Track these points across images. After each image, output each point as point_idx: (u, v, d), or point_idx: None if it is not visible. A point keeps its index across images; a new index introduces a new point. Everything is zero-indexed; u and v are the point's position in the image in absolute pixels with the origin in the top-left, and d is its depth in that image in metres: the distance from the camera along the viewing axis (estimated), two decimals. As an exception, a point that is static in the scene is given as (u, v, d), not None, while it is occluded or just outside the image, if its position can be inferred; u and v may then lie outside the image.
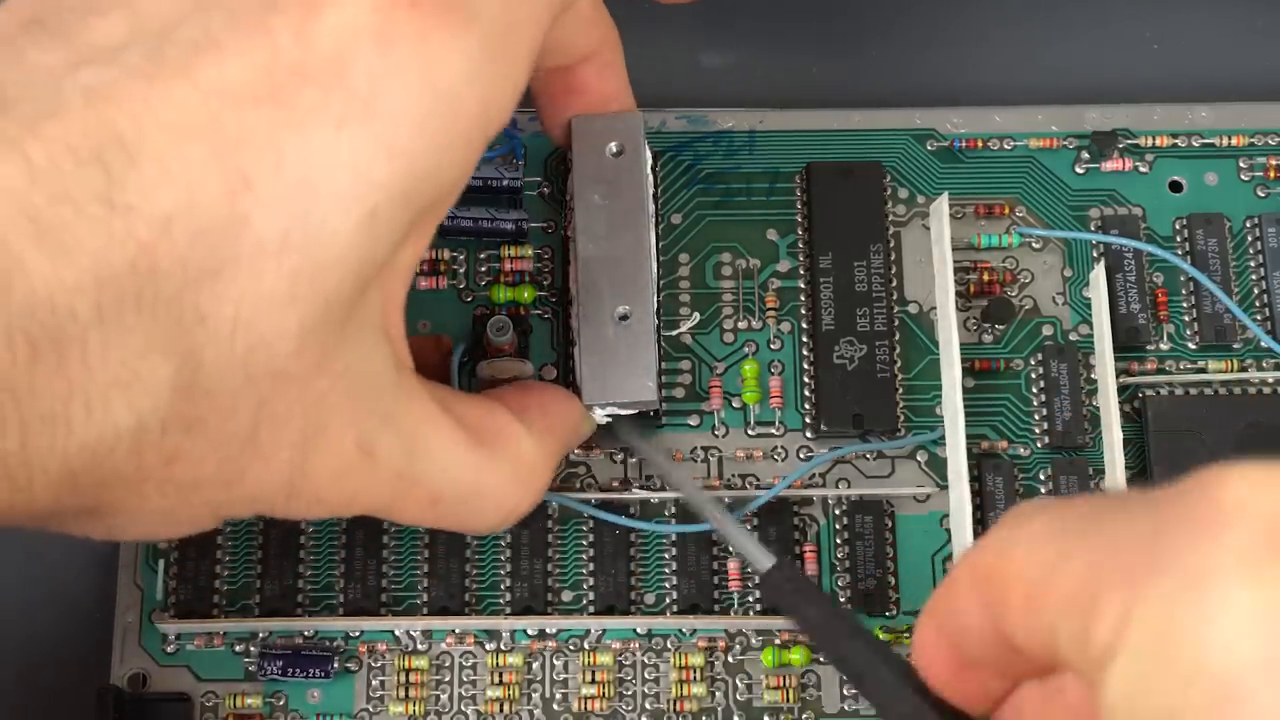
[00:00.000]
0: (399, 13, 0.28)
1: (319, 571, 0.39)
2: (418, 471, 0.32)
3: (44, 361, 0.25)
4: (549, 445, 0.35)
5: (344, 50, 0.27)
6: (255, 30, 0.27)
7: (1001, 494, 0.39)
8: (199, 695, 0.38)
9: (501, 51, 0.30)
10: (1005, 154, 0.42)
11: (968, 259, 0.41)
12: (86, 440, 0.26)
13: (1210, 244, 0.41)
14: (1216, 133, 0.42)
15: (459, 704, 0.38)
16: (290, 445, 0.29)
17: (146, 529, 0.30)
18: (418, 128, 0.28)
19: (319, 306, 0.28)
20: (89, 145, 0.26)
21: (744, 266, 0.41)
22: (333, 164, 0.27)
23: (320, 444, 0.29)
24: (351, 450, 0.30)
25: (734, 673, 0.38)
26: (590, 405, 0.37)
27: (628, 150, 0.38)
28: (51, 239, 0.25)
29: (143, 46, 0.27)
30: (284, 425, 0.29)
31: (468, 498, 0.33)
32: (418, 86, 0.28)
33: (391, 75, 0.28)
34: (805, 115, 0.42)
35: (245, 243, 0.27)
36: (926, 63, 0.45)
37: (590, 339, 0.37)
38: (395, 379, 0.31)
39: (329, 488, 0.30)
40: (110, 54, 0.27)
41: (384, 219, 0.28)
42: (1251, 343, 0.40)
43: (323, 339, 0.28)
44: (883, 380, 0.40)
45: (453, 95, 0.29)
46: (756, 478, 0.39)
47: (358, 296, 0.29)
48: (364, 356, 0.30)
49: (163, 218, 0.26)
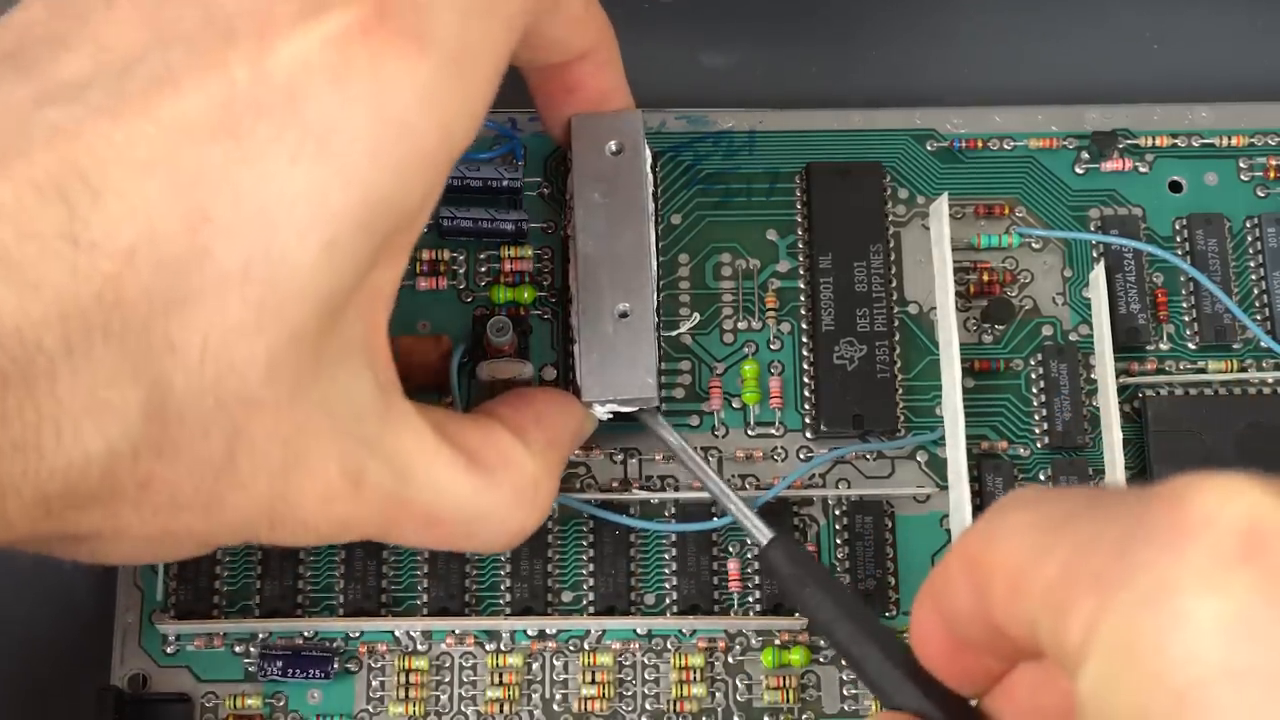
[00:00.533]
0: (352, 43, 0.28)
1: (319, 572, 0.39)
2: (410, 495, 0.32)
3: (13, 391, 0.26)
4: (550, 460, 0.35)
5: (297, 83, 0.28)
6: (212, 65, 0.28)
7: (1001, 494, 0.39)
8: (199, 696, 0.38)
9: (459, 74, 0.30)
10: (1005, 154, 0.42)
11: (967, 259, 0.41)
12: (58, 465, 0.27)
13: (1210, 244, 0.41)
14: (1216, 133, 0.42)
15: (459, 704, 0.38)
16: (269, 473, 0.29)
17: (130, 553, 0.31)
18: (372, 157, 0.28)
19: (286, 336, 0.28)
20: (53, 182, 0.26)
21: (744, 266, 0.41)
22: (288, 196, 0.28)
23: (302, 472, 0.30)
24: (336, 477, 0.30)
25: (734, 673, 0.38)
26: (590, 403, 0.37)
27: (627, 148, 0.38)
28: (17, 275, 0.26)
29: (106, 82, 0.27)
30: (261, 453, 0.29)
31: (469, 520, 0.33)
32: (370, 116, 0.28)
33: (344, 106, 0.28)
34: (805, 115, 0.42)
35: (208, 274, 0.27)
36: (926, 63, 0.45)
37: (590, 336, 0.37)
38: (381, 404, 0.31)
39: (316, 515, 0.31)
40: (75, 90, 0.27)
41: (344, 248, 0.28)
42: (1251, 343, 0.40)
43: (294, 368, 0.29)
44: (883, 381, 0.40)
45: (406, 122, 0.29)
46: (756, 478, 0.39)
47: (329, 325, 0.29)
48: (344, 384, 0.30)
49: (126, 251, 0.27)
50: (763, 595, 0.38)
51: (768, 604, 0.38)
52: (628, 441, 0.39)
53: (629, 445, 0.39)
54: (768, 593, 0.38)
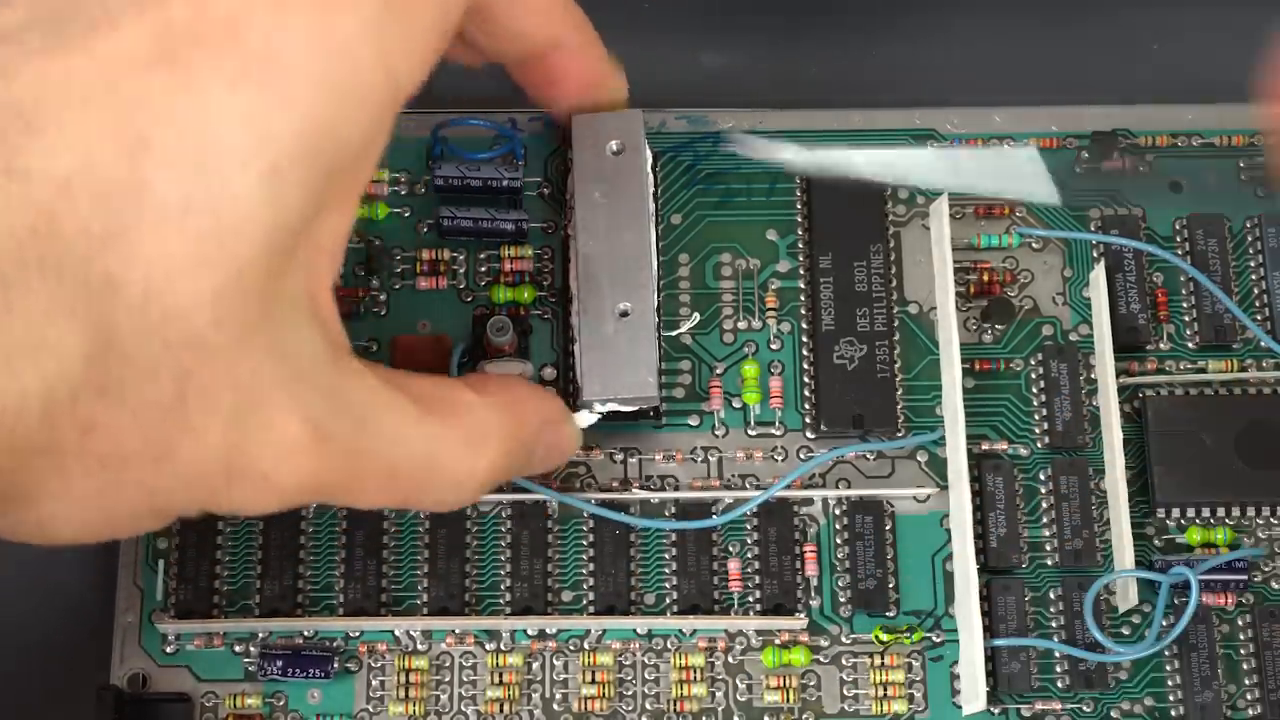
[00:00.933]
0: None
1: (319, 571, 0.39)
2: (370, 447, 0.31)
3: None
4: (505, 417, 0.34)
5: (238, 12, 0.28)
6: (151, 4, 0.28)
7: (1001, 494, 0.39)
8: (199, 695, 0.38)
9: (403, 11, 0.30)
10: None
11: (968, 259, 0.41)
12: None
13: (1210, 244, 0.41)
14: (1216, 133, 0.42)
15: (459, 704, 0.38)
16: (224, 422, 0.29)
17: (80, 520, 0.30)
18: (313, 82, 0.28)
19: (231, 273, 0.27)
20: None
21: (744, 266, 0.41)
22: (228, 122, 0.27)
23: (259, 421, 0.29)
24: (298, 428, 0.29)
25: (734, 673, 0.38)
26: (590, 401, 0.37)
27: (628, 148, 0.38)
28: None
29: (43, 27, 0.27)
30: (213, 399, 0.28)
31: (423, 469, 0.33)
32: (311, 42, 0.28)
33: (285, 32, 0.28)
34: (805, 115, 0.42)
35: (148, 205, 0.27)
36: (926, 63, 0.45)
37: (591, 335, 0.37)
38: (332, 358, 0.30)
39: (277, 468, 0.30)
40: (9, 35, 0.27)
41: (288, 176, 0.28)
42: (1251, 343, 0.40)
43: (242, 311, 0.28)
44: (883, 380, 0.39)
45: (348, 51, 0.29)
46: (756, 478, 0.39)
47: (275, 266, 0.28)
48: (294, 336, 0.29)
49: (61, 181, 0.26)
50: (763, 595, 0.38)
51: (768, 604, 0.38)
52: (628, 441, 0.39)
53: (629, 445, 0.39)
54: (768, 592, 0.38)
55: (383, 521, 0.39)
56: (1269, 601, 0.38)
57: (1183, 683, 0.38)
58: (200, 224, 0.27)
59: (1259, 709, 0.38)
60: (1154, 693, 0.38)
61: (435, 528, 0.39)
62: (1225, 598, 0.38)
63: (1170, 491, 0.39)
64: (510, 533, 0.39)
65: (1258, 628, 0.38)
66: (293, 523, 0.39)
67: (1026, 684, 0.38)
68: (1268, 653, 0.38)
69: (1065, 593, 0.38)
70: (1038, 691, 0.38)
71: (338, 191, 0.30)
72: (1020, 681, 0.38)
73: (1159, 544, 0.39)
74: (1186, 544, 0.39)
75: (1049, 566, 0.39)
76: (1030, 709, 0.38)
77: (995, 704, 0.38)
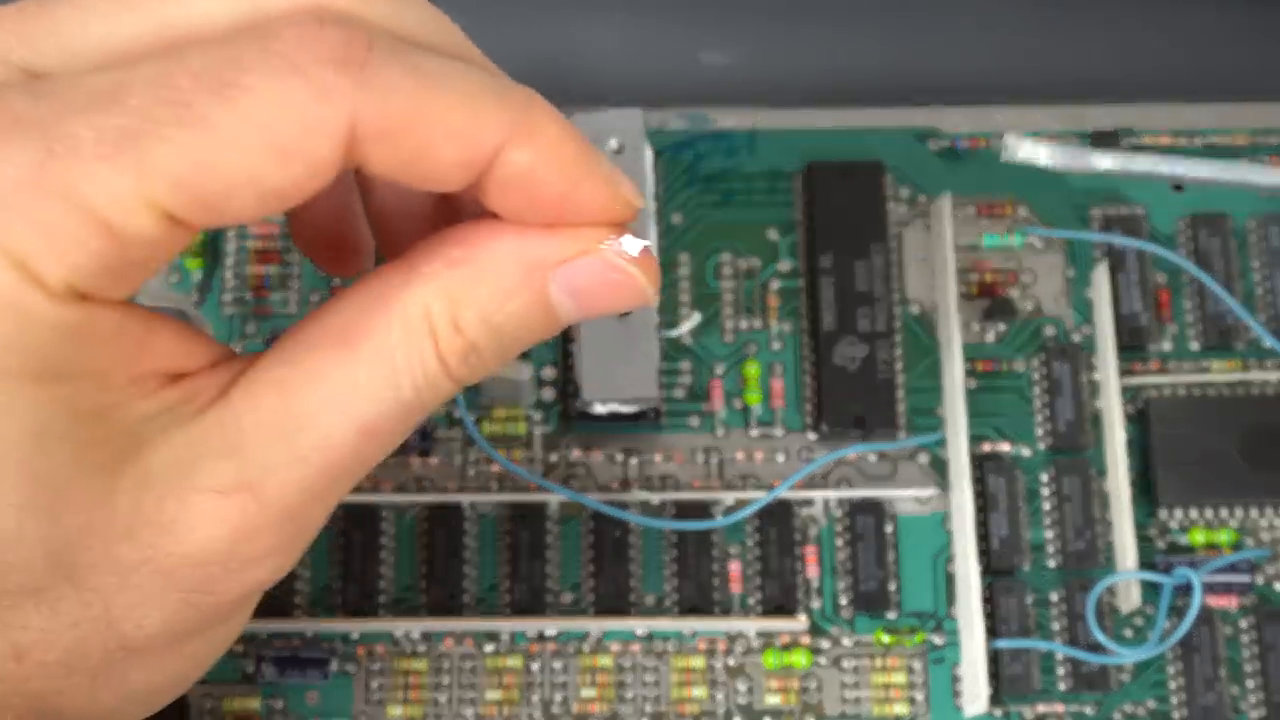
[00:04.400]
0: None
1: (317, 572, 0.38)
2: (314, 441, 0.27)
3: None
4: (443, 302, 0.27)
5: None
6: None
7: (1003, 495, 0.39)
8: (196, 697, 0.37)
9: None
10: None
11: (970, 259, 0.41)
12: None
13: (1213, 244, 0.41)
14: (1218, 132, 0.42)
15: (458, 706, 0.38)
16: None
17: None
18: None
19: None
20: None
21: (744, 266, 0.41)
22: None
23: (178, 509, 0.26)
24: (215, 501, 0.26)
25: (734, 675, 0.38)
26: (591, 401, 0.37)
27: (628, 147, 0.38)
28: None
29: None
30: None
31: (387, 401, 0.27)
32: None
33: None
34: (805, 115, 0.42)
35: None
36: (927, 62, 0.45)
37: (590, 336, 0.37)
38: (191, 415, 0.27)
39: (214, 537, 0.27)
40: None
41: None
42: (1254, 343, 0.40)
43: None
44: (884, 381, 0.39)
45: None
46: (757, 479, 0.39)
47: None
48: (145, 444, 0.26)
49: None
50: (763, 596, 0.38)
51: (768, 605, 0.38)
52: (628, 441, 0.39)
53: (629, 445, 0.39)
54: (768, 594, 0.38)
55: (380, 523, 0.38)
56: (1272, 603, 0.38)
57: (1185, 685, 0.38)
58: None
59: (1262, 711, 0.37)
60: (1156, 695, 0.38)
61: (434, 528, 0.38)
62: (1228, 599, 0.38)
63: (1173, 492, 0.39)
64: (510, 533, 0.38)
65: (1261, 629, 0.38)
66: (290, 524, 0.38)
67: (1028, 686, 0.37)
68: (1271, 655, 0.38)
69: (1067, 594, 0.38)
70: (1039, 693, 0.38)
71: None
72: (1022, 683, 0.37)
73: (1161, 545, 0.39)
74: (1189, 545, 0.39)
75: (1051, 568, 0.39)
76: (1032, 711, 0.38)
77: (997, 706, 0.37)
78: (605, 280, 0.28)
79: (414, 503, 0.39)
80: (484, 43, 0.29)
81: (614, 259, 0.27)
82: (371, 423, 0.27)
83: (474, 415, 0.39)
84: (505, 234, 0.27)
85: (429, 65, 0.26)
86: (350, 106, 0.25)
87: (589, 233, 0.27)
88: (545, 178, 0.26)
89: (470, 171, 0.26)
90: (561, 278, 0.27)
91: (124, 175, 0.24)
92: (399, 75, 0.25)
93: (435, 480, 0.39)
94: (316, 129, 0.25)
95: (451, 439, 0.39)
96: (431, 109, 0.25)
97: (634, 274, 0.28)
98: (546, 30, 0.44)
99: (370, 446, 0.27)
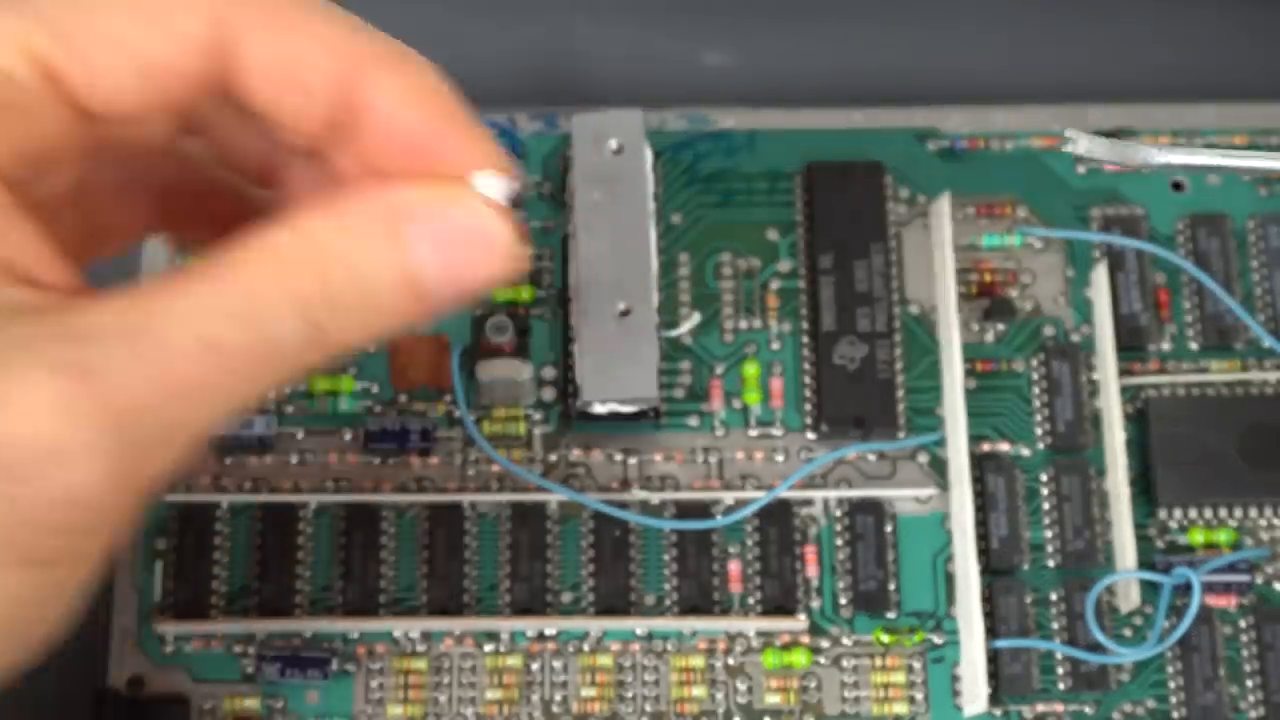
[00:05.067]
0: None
1: (317, 572, 0.38)
2: (153, 342, 0.26)
3: None
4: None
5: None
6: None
7: (1003, 495, 0.39)
8: (197, 697, 0.38)
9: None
10: (1006, 153, 0.42)
11: (969, 259, 0.41)
12: None
13: (1212, 244, 0.41)
14: (1218, 132, 0.42)
15: (458, 706, 0.38)
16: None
17: None
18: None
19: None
20: None
21: (744, 266, 0.41)
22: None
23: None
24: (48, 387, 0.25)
25: (734, 674, 0.38)
26: (591, 401, 0.37)
27: (628, 148, 0.38)
28: None
29: None
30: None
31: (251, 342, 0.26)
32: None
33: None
34: (805, 115, 0.42)
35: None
36: (927, 62, 0.45)
37: (590, 336, 0.37)
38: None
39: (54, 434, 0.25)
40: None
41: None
42: (1254, 343, 0.40)
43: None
44: (884, 381, 0.39)
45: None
46: (757, 479, 0.39)
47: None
48: None
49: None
50: (763, 596, 0.38)
51: (768, 605, 0.38)
52: (628, 441, 0.39)
53: (629, 445, 0.39)
54: (768, 593, 0.38)
55: (381, 523, 0.39)
56: (1271, 603, 0.38)
57: (1185, 684, 0.38)
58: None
59: (1261, 711, 0.37)
60: (1156, 694, 0.38)
61: (434, 528, 0.38)
62: (1228, 599, 0.38)
63: (1172, 492, 0.39)
64: (510, 533, 0.38)
65: (1260, 629, 0.38)
66: (291, 523, 0.38)
67: (1028, 685, 0.37)
68: (1270, 654, 0.38)
69: (1067, 594, 0.38)
70: (1039, 693, 0.38)
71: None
72: (1021, 683, 0.37)
73: (1161, 545, 0.39)
74: (1188, 545, 0.39)
75: (1050, 567, 0.39)
76: (1031, 710, 0.38)
77: (996, 705, 0.37)
78: (471, 228, 0.28)
79: (414, 502, 0.39)
80: (484, 42, 0.29)
81: (478, 206, 0.28)
82: (213, 336, 0.26)
83: (474, 415, 0.39)
84: (370, 187, 0.27)
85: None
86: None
87: (455, 186, 0.27)
88: (412, 116, 0.27)
89: (339, 98, 0.26)
90: (422, 224, 0.27)
91: (3, 16, 0.25)
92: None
93: (435, 480, 0.39)
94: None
95: (451, 439, 0.39)
96: (303, 13, 0.26)
97: (499, 227, 0.28)
98: (546, 30, 0.44)
99: (215, 367, 0.26)
